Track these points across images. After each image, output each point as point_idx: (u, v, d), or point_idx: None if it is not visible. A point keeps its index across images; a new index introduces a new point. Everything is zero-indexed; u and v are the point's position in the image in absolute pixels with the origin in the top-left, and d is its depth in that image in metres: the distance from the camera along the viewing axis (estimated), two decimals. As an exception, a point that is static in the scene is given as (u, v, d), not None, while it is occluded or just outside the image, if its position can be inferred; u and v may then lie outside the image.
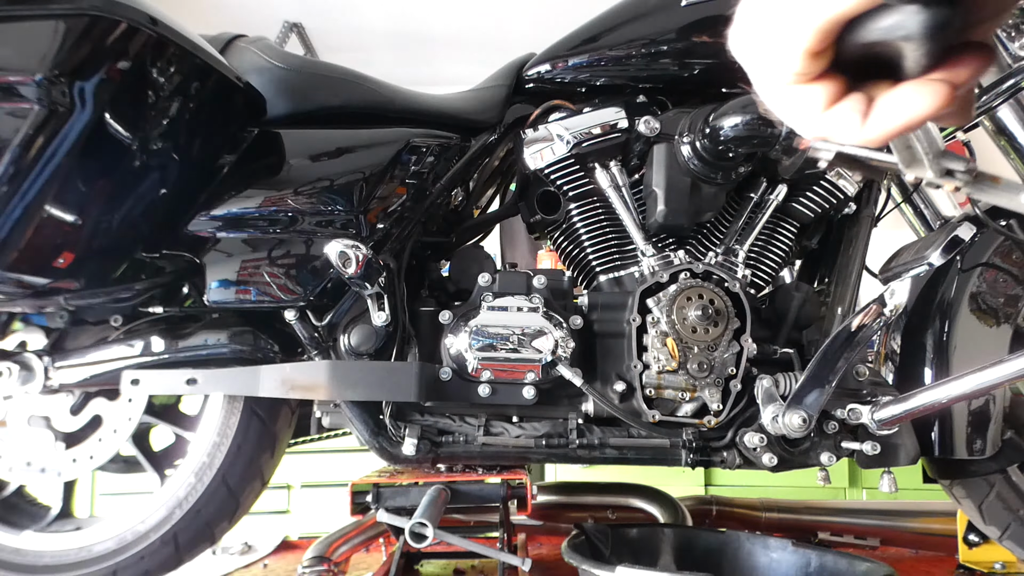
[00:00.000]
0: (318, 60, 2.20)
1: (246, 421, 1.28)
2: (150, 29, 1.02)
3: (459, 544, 1.24)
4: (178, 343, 1.25)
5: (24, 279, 1.07)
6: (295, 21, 3.36)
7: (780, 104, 0.42)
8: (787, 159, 1.13)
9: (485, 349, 1.16)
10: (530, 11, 3.24)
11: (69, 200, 1.04)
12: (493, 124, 1.34)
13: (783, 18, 0.38)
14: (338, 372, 1.16)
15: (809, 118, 0.41)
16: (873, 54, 0.38)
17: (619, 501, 1.97)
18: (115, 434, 1.28)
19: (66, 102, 0.98)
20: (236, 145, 1.22)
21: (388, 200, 1.25)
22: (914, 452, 1.14)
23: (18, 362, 1.26)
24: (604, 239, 1.29)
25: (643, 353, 1.17)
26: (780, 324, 1.23)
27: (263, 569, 1.96)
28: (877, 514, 1.96)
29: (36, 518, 1.35)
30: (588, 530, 1.33)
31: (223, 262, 1.20)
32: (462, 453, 1.21)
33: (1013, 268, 1.19)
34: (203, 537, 1.29)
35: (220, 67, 1.14)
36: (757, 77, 0.42)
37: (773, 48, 0.39)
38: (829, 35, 0.37)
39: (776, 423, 1.08)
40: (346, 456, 2.43)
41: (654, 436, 1.18)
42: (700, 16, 1.21)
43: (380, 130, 1.28)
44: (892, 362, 1.26)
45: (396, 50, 3.58)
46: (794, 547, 1.31)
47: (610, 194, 1.25)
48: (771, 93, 0.42)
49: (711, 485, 2.51)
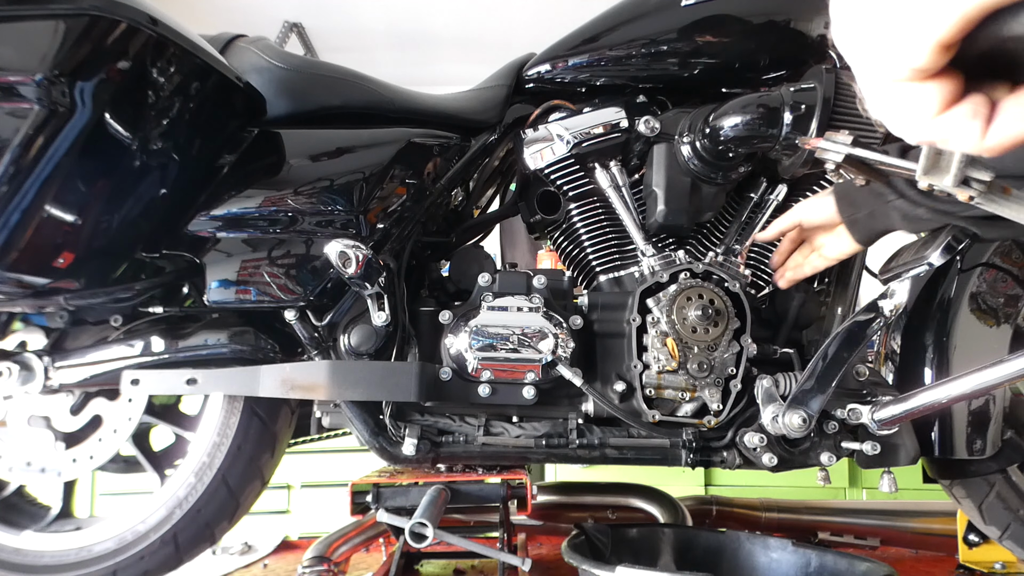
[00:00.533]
0: (318, 60, 2.20)
1: (246, 421, 1.27)
2: (150, 29, 1.02)
3: (459, 544, 1.24)
4: (178, 343, 1.25)
5: (24, 279, 1.07)
6: (295, 21, 3.37)
7: (890, 103, 0.38)
8: (787, 159, 1.13)
9: (485, 349, 1.16)
10: (530, 11, 3.24)
11: (69, 200, 1.04)
12: (493, 124, 1.34)
13: (918, 3, 0.33)
14: (338, 372, 1.16)
15: (922, 120, 0.37)
16: (1003, 51, 0.34)
17: (619, 501, 1.97)
18: (115, 434, 1.28)
19: (66, 102, 0.98)
20: (236, 145, 1.22)
21: (388, 200, 1.25)
22: (914, 452, 1.14)
23: (18, 362, 1.26)
24: (604, 239, 1.29)
25: (643, 353, 1.17)
26: (780, 324, 1.23)
27: (263, 569, 1.96)
28: (877, 514, 1.96)
29: (36, 518, 1.35)
30: (588, 530, 1.33)
31: (223, 262, 1.20)
32: (462, 453, 1.21)
33: (1013, 268, 1.19)
34: (203, 537, 1.29)
35: (220, 67, 1.14)
36: (865, 72, 0.38)
37: (896, 38, 0.34)
38: (971, 24, 0.32)
39: (776, 423, 1.08)
40: (346, 456, 2.43)
41: (654, 436, 1.18)
42: (700, 16, 1.21)
43: (380, 130, 1.28)
44: (892, 362, 1.26)
45: (396, 50, 3.59)
46: (794, 547, 1.31)
47: (610, 194, 1.26)
48: (880, 91, 0.38)
49: (711, 485, 2.52)
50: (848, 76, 1.12)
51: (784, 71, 1.24)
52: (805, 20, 1.22)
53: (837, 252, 1.12)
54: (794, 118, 1.09)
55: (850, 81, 1.11)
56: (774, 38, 1.23)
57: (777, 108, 1.09)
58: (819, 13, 1.22)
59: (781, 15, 1.22)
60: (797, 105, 1.09)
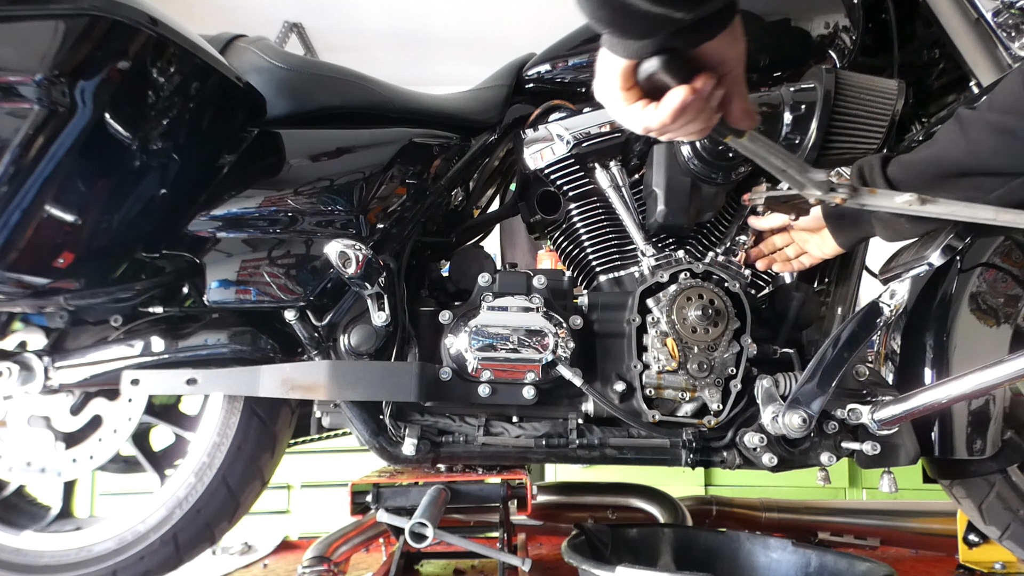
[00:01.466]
0: (318, 60, 2.20)
1: (246, 421, 1.27)
2: (150, 29, 1.02)
3: (459, 544, 1.24)
4: (178, 343, 1.25)
5: (24, 279, 1.07)
6: (295, 21, 3.37)
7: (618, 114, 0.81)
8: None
9: (485, 349, 1.16)
10: (530, 11, 3.24)
11: (69, 200, 1.04)
12: (493, 124, 1.34)
13: (606, 73, 0.77)
14: (338, 372, 1.16)
15: (633, 117, 0.79)
16: (652, 81, 0.74)
17: (619, 501, 1.97)
18: (115, 434, 1.28)
19: (66, 102, 0.98)
20: (236, 145, 1.22)
21: (388, 200, 1.25)
22: (914, 452, 1.14)
23: (18, 362, 1.26)
24: (604, 239, 1.29)
25: (643, 353, 1.17)
26: (780, 324, 1.23)
27: (263, 569, 1.96)
28: (877, 514, 1.96)
29: (36, 518, 1.35)
30: (588, 530, 1.33)
31: (223, 262, 1.20)
32: (462, 453, 1.21)
33: (1013, 268, 1.19)
34: (203, 537, 1.29)
35: (220, 67, 1.14)
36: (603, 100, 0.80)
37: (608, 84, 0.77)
38: (627, 74, 0.75)
39: (776, 423, 1.08)
40: (346, 456, 2.43)
41: (654, 436, 1.18)
42: (700, 16, 1.21)
43: (380, 130, 1.28)
44: (892, 362, 1.26)
45: (396, 50, 3.59)
46: (794, 547, 1.31)
47: (610, 194, 1.26)
48: (611, 107, 0.80)
49: (711, 485, 2.52)
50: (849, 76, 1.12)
51: (784, 71, 1.24)
52: (805, 20, 1.22)
53: (820, 252, 1.18)
54: (794, 118, 1.09)
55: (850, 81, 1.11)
56: (774, 38, 1.23)
57: (777, 108, 1.09)
58: (819, 13, 1.22)
59: (781, 15, 1.22)
60: (797, 105, 1.09)
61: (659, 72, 0.72)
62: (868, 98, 1.12)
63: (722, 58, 0.74)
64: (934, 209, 0.96)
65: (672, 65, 0.71)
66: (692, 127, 0.78)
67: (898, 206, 0.96)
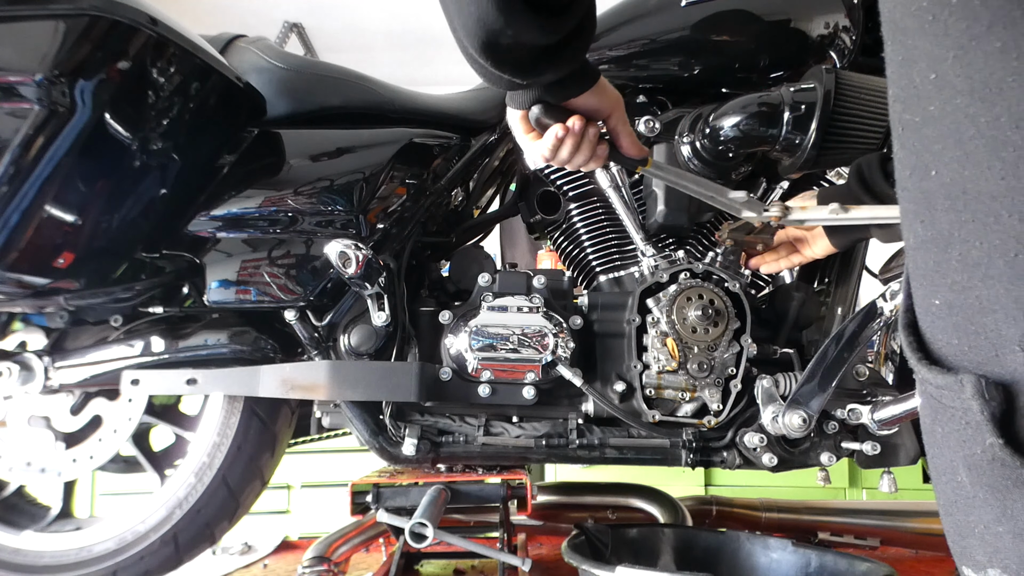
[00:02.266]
0: (318, 60, 2.20)
1: (246, 421, 1.28)
2: (150, 29, 1.02)
3: (459, 544, 1.24)
4: (178, 343, 1.25)
5: (24, 279, 1.07)
6: (295, 21, 3.36)
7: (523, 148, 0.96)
8: (787, 159, 1.13)
9: (485, 349, 1.16)
10: (530, 11, 3.23)
11: (69, 200, 1.04)
12: (493, 124, 1.34)
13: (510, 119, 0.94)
14: (338, 372, 1.16)
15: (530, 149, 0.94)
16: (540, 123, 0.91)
17: (619, 501, 1.97)
18: (115, 434, 1.28)
19: (66, 102, 0.98)
20: (236, 145, 1.22)
21: (388, 200, 1.25)
22: (914, 452, 1.14)
23: (18, 362, 1.26)
24: (604, 239, 1.29)
25: (643, 353, 1.17)
26: (780, 324, 1.23)
27: (263, 569, 1.96)
28: (877, 514, 1.96)
29: (36, 518, 1.35)
30: (588, 530, 1.33)
31: (223, 262, 1.20)
32: (462, 453, 1.21)
33: (1013, 268, 1.19)
34: (203, 537, 1.29)
35: (220, 67, 1.14)
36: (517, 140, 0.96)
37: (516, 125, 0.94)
38: (526, 122, 0.92)
39: (776, 423, 1.08)
40: (346, 456, 2.43)
41: (654, 436, 1.18)
42: (700, 16, 1.21)
43: (380, 130, 1.28)
44: (892, 362, 1.26)
45: (396, 50, 3.58)
46: (794, 547, 1.31)
47: (610, 194, 1.25)
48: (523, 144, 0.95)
49: (711, 485, 2.51)
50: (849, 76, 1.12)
51: (784, 71, 1.24)
52: (805, 20, 1.22)
53: (813, 253, 1.18)
54: (794, 118, 1.09)
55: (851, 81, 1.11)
56: (774, 38, 1.23)
57: (777, 108, 1.09)
58: (819, 13, 1.22)
59: (781, 15, 1.22)
60: (797, 105, 1.09)
61: (541, 117, 0.90)
62: (868, 98, 1.12)
63: (593, 108, 0.90)
64: (856, 215, 1.02)
65: (548, 112, 0.89)
66: (579, 158, 0.93)
67: (827, 218, 1.03)
